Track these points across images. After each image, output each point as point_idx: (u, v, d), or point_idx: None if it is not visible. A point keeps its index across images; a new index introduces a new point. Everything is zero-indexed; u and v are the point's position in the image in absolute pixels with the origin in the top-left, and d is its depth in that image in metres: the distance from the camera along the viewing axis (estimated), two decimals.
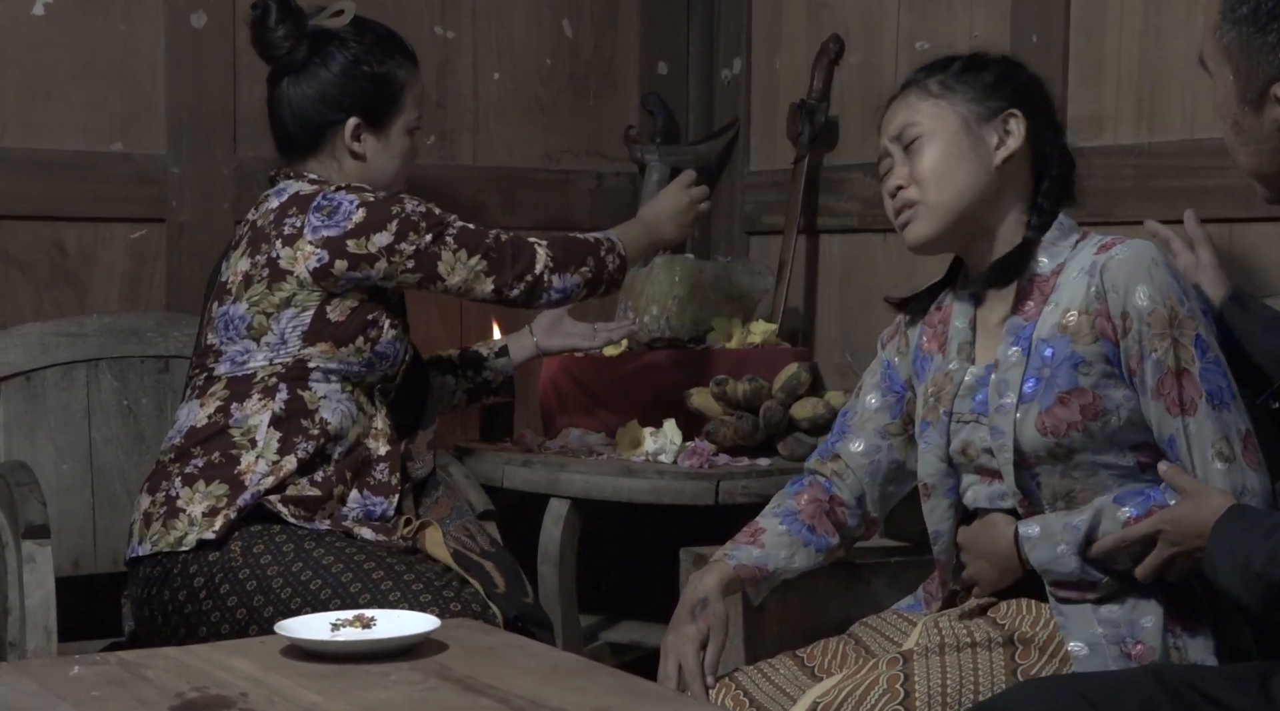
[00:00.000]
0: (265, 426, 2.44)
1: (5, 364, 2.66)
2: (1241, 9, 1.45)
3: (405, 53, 2.62)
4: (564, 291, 2.57)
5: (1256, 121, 1.47)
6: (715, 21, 3.55)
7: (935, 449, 2.07)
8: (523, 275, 2.54)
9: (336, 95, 2.55)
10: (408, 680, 1.79)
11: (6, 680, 1.80)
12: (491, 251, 2.52)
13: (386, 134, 2.59)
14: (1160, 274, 1.93)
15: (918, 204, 2.05)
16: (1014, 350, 2.00)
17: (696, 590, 2.08)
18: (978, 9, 2.99)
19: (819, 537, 2.16)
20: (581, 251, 2.59)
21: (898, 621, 2.12)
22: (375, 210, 2.47)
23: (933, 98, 2.06)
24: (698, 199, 2.81)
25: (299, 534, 2.38)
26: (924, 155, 2.04)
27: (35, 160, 2.87)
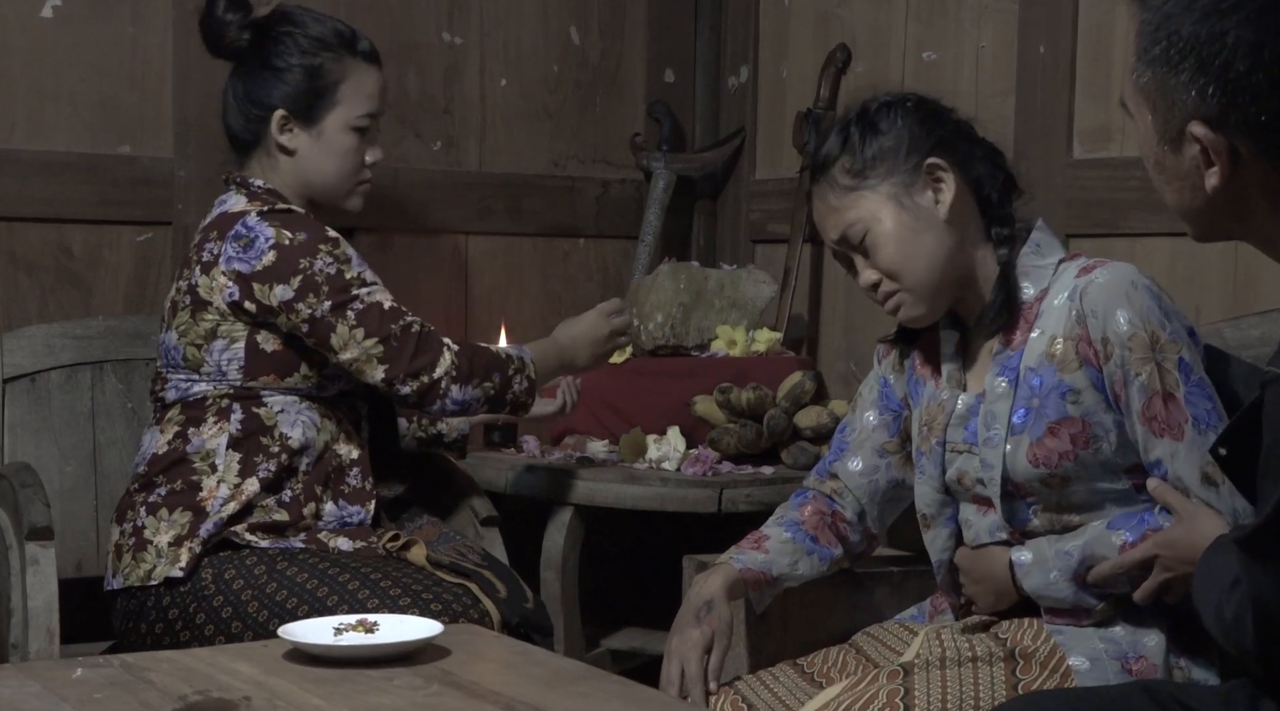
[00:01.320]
0: (224, 449, 2.39)
1: (11, 365, 2.66)
2: (1154, 50, 1.45)
3: (349, 46, 2.51)
4: (462, 404, 2.41)
5: (1176, 160, 1.47)
6: (722, 30, 3.55)
7: (931, 479, 2.06)
8: (419, 374, 2.38)
9: (265, 87, 2.49)
10: (410, 685, 1.79)
11: (9, 682, 1.80)
12: (392, 339, 2.37)
13: (318, 128, 2.49)
14: (1140, 297, 1.90)
15: (899, 292, 2.01)
16: (1000, 380, 1.98)
17: (701, 592, 2.07)
18: (985, 20, 2.99)
19: (822, 548, 2.16)
20: (489, 366, 2.42)
21: (899, 631, 2.12)
22: (284, 258, 2.36)
23: (852, 192, 2.00)
24: (619, 330, 2.62)
25: (270, 554, 2.35)
26: (879, 250, 1.99)
27: (42, 162, 2.87)
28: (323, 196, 2.53)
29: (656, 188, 3.41)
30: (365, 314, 2.36)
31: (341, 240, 2.41)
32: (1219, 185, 1.43)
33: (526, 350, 2.51)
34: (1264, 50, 1.38)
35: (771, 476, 2.83)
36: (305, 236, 2.37)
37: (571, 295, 3.43)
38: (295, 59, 2.48)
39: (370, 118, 2.52)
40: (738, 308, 3.15)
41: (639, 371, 3.07)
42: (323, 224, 2.43)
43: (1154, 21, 1.45)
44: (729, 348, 3.09)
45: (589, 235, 3.45)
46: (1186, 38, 1.41)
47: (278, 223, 2.38)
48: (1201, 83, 1.41)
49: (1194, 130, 1.42)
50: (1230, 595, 1.51)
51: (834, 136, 2.03)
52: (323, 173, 2.50)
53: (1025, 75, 2.88)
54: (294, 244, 2.36)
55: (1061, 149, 2.81)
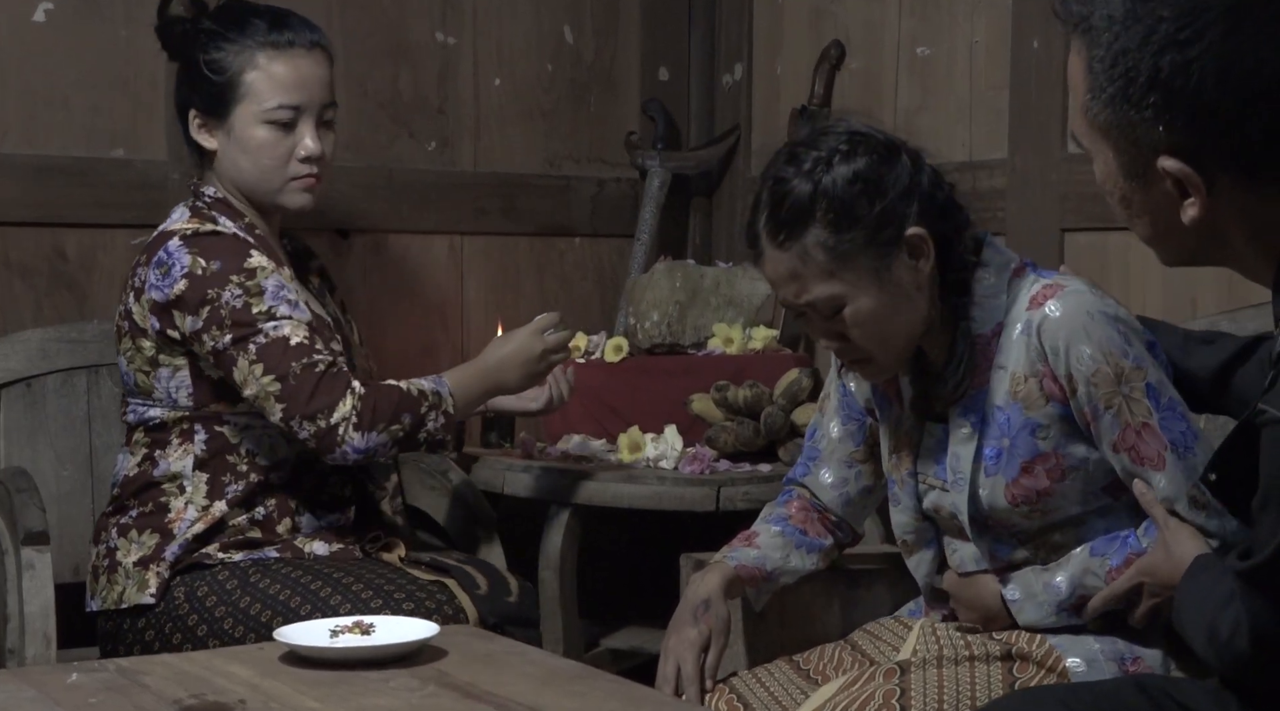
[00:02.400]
0: (190, 471, 2.36)
1: (6, 370, 2.65)
2: (1110, 88, 1.39)
3: (256, 34, 2.39)
4: (363, 451, 2.27)
5: (1146, 195, 1.43)
6: (716, 27, 3.55)
7: (907, 509, 2.04)
8: (315, 416, 2.25)
9: (180, 89, 2.44)
10: (406, 686, 1.79)
11: (5, 687, 1.80)
12: (290, 377, 2.25)
13: (228, 125, 2.40)
14: (1097, 328, 1.84)
15: (867, 355, 1.91)
16: (963, 423, 1.94)
17: (699, 591, 2.06)
18: (979, 15, 2.98)
19: (812, 539, 2.15)
20: (397, 408, 2.29)
21: (896, 627, 2.11)
22: (194, 287, 2.29)
23: (827, 271, 1.85)
24: (554, 346, 2.43)
25: (242, 567, 2.34)
26: (855, 327, 1.87)
27: (36, 166, 2.87)
28: (255, 197, 2.44)
29: (652, 186, 3.40)
30: (266, 349, 2.26)
31: (262, 270, 2.31)
32: (1197, 216, 1.40)
33: (445, 381, 2.37)
34: (1230, 76, 1.35)
35: (769, 474, 2.83)
36: (219, 266, 2.29)
37: (567, 294, 3.42)
38: (197, 53, 2.40)
39: (289, 109, 2.39)
40: (734, 305, 3.15)
41: (636, 370, 3.07)
42: (247, 249, 2.32)
43: (1107, 58, 1.39)
44: (725, 345, 3.08)
45: (584, 234, 3.45)
46: (1148, 72, 1.37)
47: (197, 249, 2.31)
48: (1169, 117, 1.37)
49: (1165, 165, 1.38)
50: (1223, 613, 1.50)
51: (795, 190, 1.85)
52: (241, 171, 2.41)
53: (1019, 70, 2.88)
54: (205, 274, 2.29)
55: (1056, 144, 2.81)
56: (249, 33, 2.38)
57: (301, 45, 2.40)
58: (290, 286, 2.34)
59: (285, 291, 2.31)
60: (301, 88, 2.40)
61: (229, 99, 2.39)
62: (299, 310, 2.31)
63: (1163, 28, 1.36)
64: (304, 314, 2.31)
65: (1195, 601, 1.61)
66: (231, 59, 2.38)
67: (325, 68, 2.44)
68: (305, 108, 2.40)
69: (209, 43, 2.39)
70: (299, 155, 2.41)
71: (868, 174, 1.85)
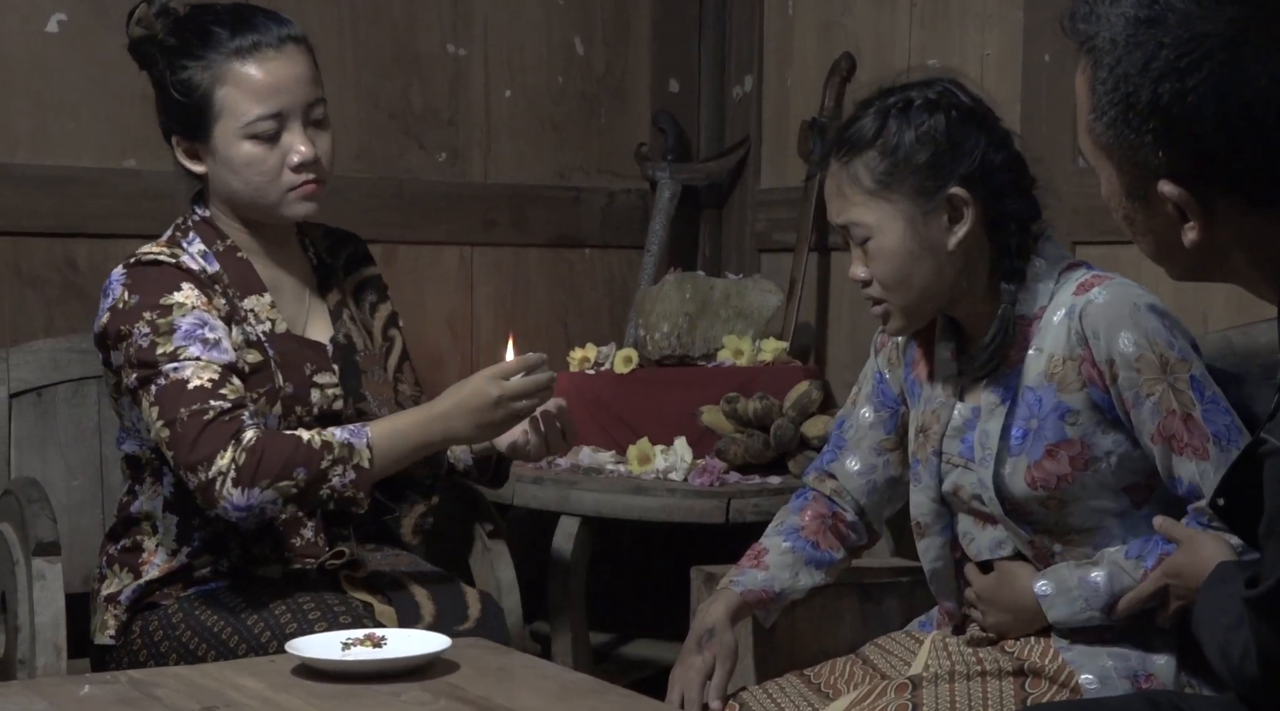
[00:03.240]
0: (160, 512, 2.27)
1: (17, 380, 2.65)
2: (1111, 112, 1.40)
3: (218, 46, 2.20)
4: (245, 508, 2.08)
5: (1148, 215, 1.43)
6: (727, 39, 3.55)
7: (927, 489, 2.04)
8: (195, 468, 2.08)
9: (159, 114, 2.29)
10: (418, 700, 1.79)
11: (17, 699, 1.80)
12: (178, 425, 2.09)
13: (211, 147, 2.23)
14: (1144, 319, 1.86)
15: (885, 302, 1.97)
16: (994, 399, 1.95)
17: (704, 620, 2.07)
18: (990, 27, 2.99)
19: (823, 553, 2.15)
20: (288, 463, 2.08)
21: (906, 640, 2.11)
22: (114, 321, 2.18)
23: (868, 194, 1.92)
24: (511, 394, 2.14)
25: (189, 600, 2.25)
26: (878, 260, 1.93)
27: (48, 176, 2.87)
28: (253, 213, 2.28)
29: (662, 198, 3.40)
30: (164, 392, 2.11)
31: (179, 307, 2.16)
32: (1197, 239, 1.40)
33: (366, 432, 2.14)
34: (1229, 103, 1.34)
35: (779, 486, 2.83)
36: (137, 300, 2.17)
37: (577, 306, 3.42)
38: (166, 75, 2.22)
39: (269, 119, 2.20)
40: (744, 317, 3.15)
41: (645, 381, 3.07)
42: (177, 283, 2.18)
43: (1109, 81, 1.40)
44: (735, 357, 3.08)
45: (594, 246, 3.45)
46: (1147, 99, 1.37)
47: (129, 281, 2.19)
48: (1168, 143, 1.37)
49: (1164, 189, 1.39)
50: (1236, 633, 1.50)
51: (870, 118, 1.94)
52: (234, 192, 2.25)
53: (1030, 83, 2.88)
54: (125, 308, 2.17)
55: (1067, 156, 2.80)
56: (212, 44, 2.19)
57: (269, 45, 2.20)
58: (215, 324, 2.17)
59: (203, 330, 2.15)
60: (278, 92, 2.20)
61: (205, 119, 2.21)
62: (215, 351, 2.14)
63: (1163, 54, 1.36)
64: (220, 355, 2.14)
65: (1211, 616, 1.61)
66: (200, 76, 2.20)
67: (303, 63, 2.23)
68: (288, 112, 2.21)
69: (174, 62, 2.21)
70: (291, 163, 2.22)
71: (936, 126, 1.92)
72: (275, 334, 2.26)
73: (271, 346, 2.25)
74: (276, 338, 2.26)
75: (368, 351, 2.38)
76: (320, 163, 2.25)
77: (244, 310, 2.25)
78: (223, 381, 2.13)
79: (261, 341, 2.24)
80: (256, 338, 2.24)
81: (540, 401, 2.19)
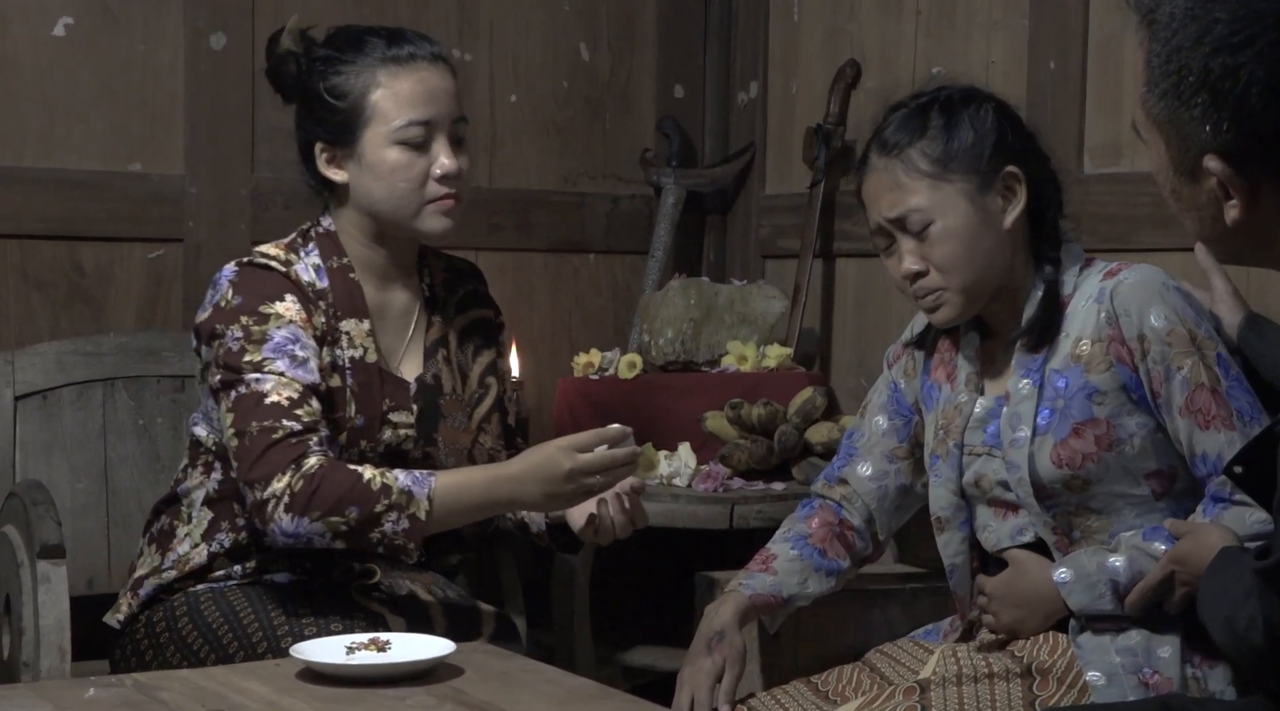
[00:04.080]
0: (199, 503, 2.28)
1: (22, 383, 2.66)
2: (1163, 84, 1.42)
3: (374, 52, 2.23)
4: (293, 535, 2.07)
5: (1193, 191, 1.45)
6: (732, 45, 3.55)
7: (947, 482, 2.05)
8: (253, 486, 2.08)
9: (302, 124, 2.28)
10: (423, 704, 1.79)
11: (22, 702, 1.80)
12: (247, 438, 2.10)
13: (358, 152, 2.23)
14: (1172, 296, 1.93)
15: (942, 290, 1.99)
16: (1025, 383, 1.99)
17: (713, 622, 2.07)
18: (995, 35, 2.99)
19: (830, 561, 2.16)
20: (343, 499, 2.06)
21: (914, 649, 2.11)
22: (213, 318, 2.18)
23: (928, 178, 1.97)
24: (583, 468, 2.06)
25: (196, 595, 2.24)
26: (940, 244, 1.97)
27: (54, 180, 2.88)
28: (392, 227, 2.26)
29: (666, 203, 3.41)
30: (241, 401, 2.11)
31: (276, 318, 2.15)
32: (1240, 218, 1.41)
33: (431, 482, 2.09)
34: (1277, 84, 1.36)
35: (783, 492, 2.83)
36: (239, 302, 2.17)
37: (581, 311, 3.43)
38: (317, 83, 2.24)
39: (419, 125, 2.21)
40: (748, 323, 3.15)
41: (650, 387, 3.07)
42: (281, 293, 2.18)
43: (1163, 54, 1.43)
44: (740, 363, 3.09)
45: (599, 251, 3.45)
46: (1198, 72, 1.39)
47: (238, 280, 2.19)
48: (1215, 118, 1.39)
49: (1209, 164, 1.40)
50: (1242, 607, 1.52)
51: (909, 116, 2.00)
52: (375, 200, 2.24)
53: (1035, 90, 2.88)
54: (226, 307, 2.17)
55: (1072, 164, 2.80)
56: (367, 51, 2.23)
57: (424, 58, 2.24)
58: (307, 342, 2.16)
59: (294, 346, 2.15)
60: (430, 101, 2.23)
61: (355, 124, 2.22)
62: (301, 369, 2.14)
63: (1217, 29, 1.38)
64: (305, 374, 2.14)
65: (1217, 593, 1.63)
66: (352, 81, 2.22)
67: (451, 80, 2.28)
68: (436, 122, 2.23)
69: (326, 69, 2.23)
70: (435, 174, 2.22)
71: (983, 111, 2.00)
72: (363, 363, 2.23)
73: (353, 375, 2.22)
74: (362, 367, 2.23)
75: (454, 396, 2.32)
76: (462, 179, 2.26)
77: (339, 332, 2.23)
78: (301, 401, 2.11)
79: (345, 368, 2.22)
80: (342, 363, 2.22)
81: (617, 478, 2.10)
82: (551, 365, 3.30)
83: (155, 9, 2.96)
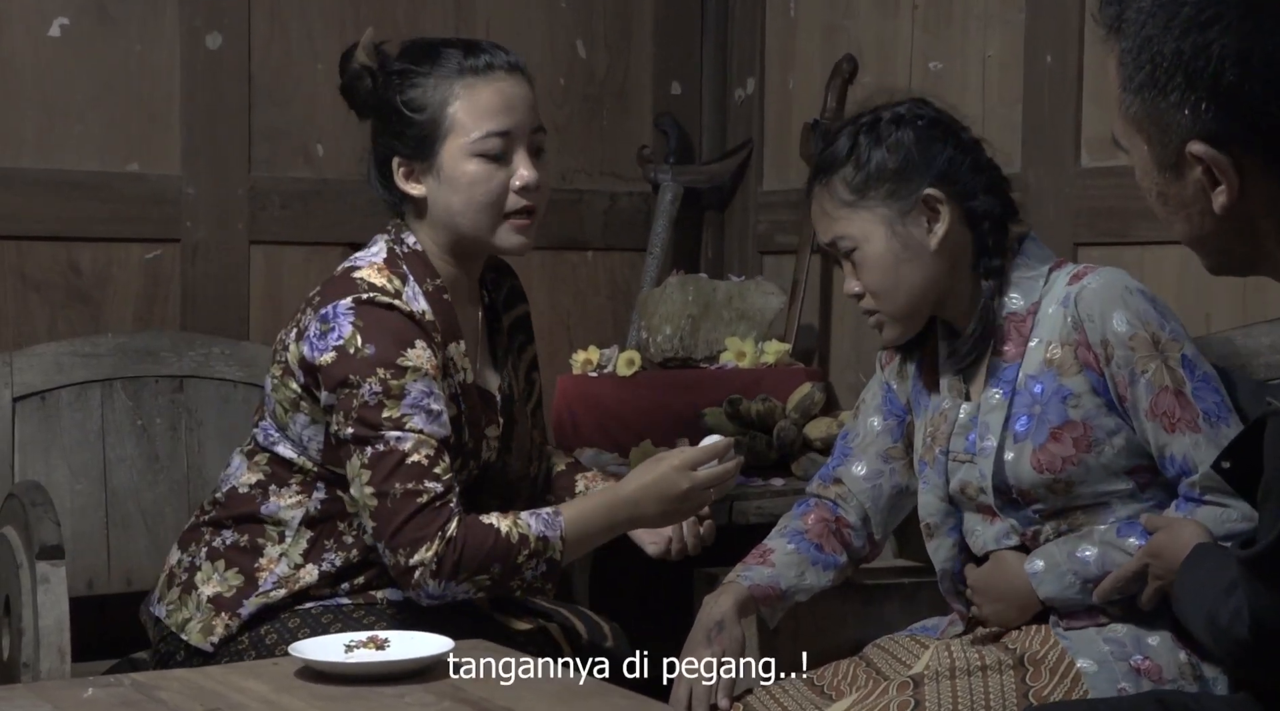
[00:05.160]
0: (297, 523, 2.20)
1: (20, 384, 2.66)
2: (1139, 76, 1.41)
3: (449, 63, 2.19)
4: (439, 597, 2.08)
5: (1180, 187, 1.43)
6: (729, 42, 3.55)
7: (935, 489, 2.06)
8: (396, 550, 2.07)
9: (380, 139, 2.23)
10: (421, 701, 1.79)
11: (21, 702, 1.80)
12: (389, 499, 2.06)
13: (437, 166, 2.18)
14: (1135, 300, 1.93)
15: (878, 312, 2.05)
16: (994, 392, 2.00)
17: (712, 613, 2.07)
18: (991, 29, 2.99)
19: (827, 556, 2.16)
20: (488, 558, 2.07)
21: (910, 643, 2.11)
22: (340, 364, 2.10)
23: (847, 206, 2.01)
24: (702, 484, 2.12)
25: (313, 614, 2.19)
26: (865, 269, 2.02)
27: (51, 180, 2.88)
28: (469, 243, 2.22)
29: (664, 200, 3.41)
30: (381, 458, 2.07)
31: (414, 371, 2.09)
32: (1228, 203, 1.40)
33: (561, 523, 2.12)
34: (1252, 56, 1.36)
35: (781, 488, 2.83)
36: (371, 352, 2.09)
37: (580, 308, 3.43)
38: (394, 96, 2.19)
39: (498, 137, 2.17)
40: (746, 319, 3.15)
41: (648, 384, 3.07)
42: (411, 339, 2.11)
43: (1134, 48, 1.42)
44: (738, 359, 3.09)
45: (597, 248, 3.45)
46: (1170, 56, 1.39)
47: (362, 322, 2.11)
48: (1193, 99, 1.38)
49: (1194, 149, 1.39)
50: (1224, 601, 1.52)
51: (843, 139, 2.03)
52: (453, 214, 2.19)
53: (1032, 85, 2.88)
54: (356, 355, 2.09)
55: (1069, 158, 2.81)
56: (443, 63, 2.18)
57: (500, 68, 2.19)
58: (438, 393, 2.12)
59: (429, 400, 2.10)
60: (508, 112, 2.18)
61: (434, 137, 2.17)
62: (435, 424, 2.10)
63: (1184, 11, 1.39)
64: (440, 429, 2.10)
65: (1195, 588, 1.63)
66: (430, 94, 2.17)
67: (528, 89, 2.23)
68: (515, 133, 2.18)
69: (403, 83, 2.19)
70: (514, 186, 2.18)
71: (903, 136, 2.01)
72: (465, 385, 2.21)
73: (463, 401, 2.20)
74: (465, 390, 2.21)
75: (520, 400, 2.34)
76: (541, 190, 2.22)
77: (448, 358, 2.19)
78: (438, 458, 2.09)
79: (458, 395, 2.19)
80: (455, 391, 2.19)
81: (725, 489, 2.18)
82: (550, 363, 3.29)
83: (151, 9, 2.96)
